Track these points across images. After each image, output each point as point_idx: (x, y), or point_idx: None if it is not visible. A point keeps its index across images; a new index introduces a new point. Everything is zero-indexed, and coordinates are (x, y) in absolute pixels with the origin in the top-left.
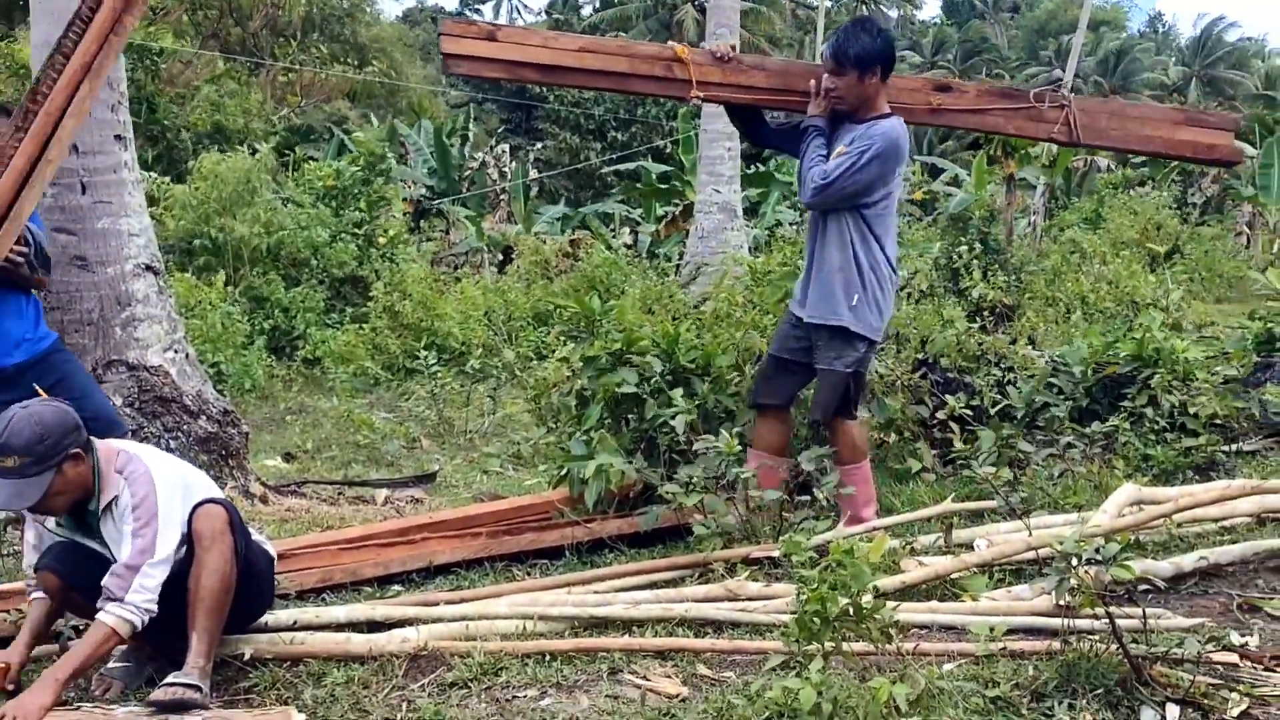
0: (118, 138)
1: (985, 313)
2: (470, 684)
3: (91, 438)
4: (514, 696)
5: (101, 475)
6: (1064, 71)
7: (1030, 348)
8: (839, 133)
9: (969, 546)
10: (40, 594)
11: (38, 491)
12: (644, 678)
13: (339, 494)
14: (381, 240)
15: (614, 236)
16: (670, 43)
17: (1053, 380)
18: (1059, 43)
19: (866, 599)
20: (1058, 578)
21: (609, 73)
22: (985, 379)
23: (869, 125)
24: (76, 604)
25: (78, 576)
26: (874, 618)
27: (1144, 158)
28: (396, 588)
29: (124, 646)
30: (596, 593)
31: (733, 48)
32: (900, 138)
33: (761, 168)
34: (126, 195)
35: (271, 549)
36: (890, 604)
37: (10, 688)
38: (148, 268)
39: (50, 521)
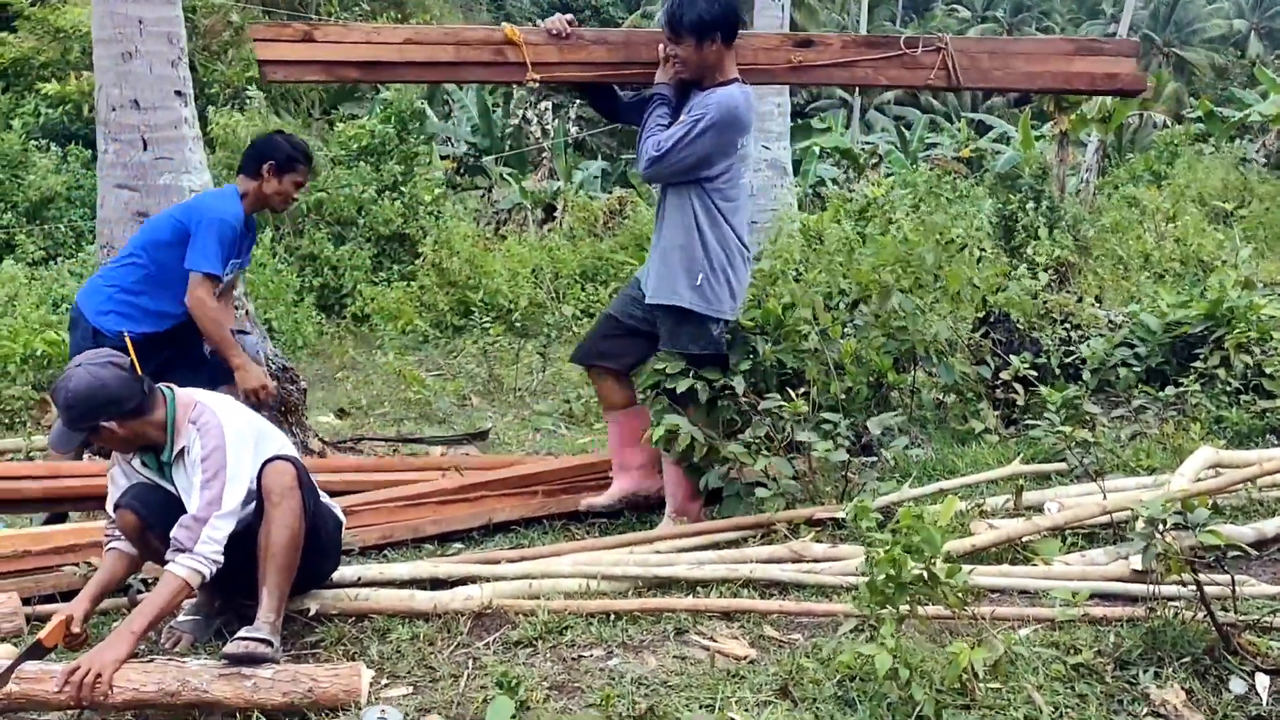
0: (178, 93)
1: (1045, 271)
2: (535, 642)
3: (171, 387)
4: (580, 656)
5: (176, 425)
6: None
7: (1096, 306)
8: (687, 102)
9: (1038, 509)
10: (116, 544)
11: (73, 443)
12: (711, 639)
13: (394, 450)
14: (426, 198)
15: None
16: (505, 25)
17: (1126, 340)
18: None
19: (940, 564)
20: (1143, 543)
21: (436, 63)
22: (1051, 338)
23: (706, 94)
24: (152, 546)
25: (155, 518)
26: (948, 582)
27: (1041, 94)
28: (457, 545)
29: (192, 600)
30: (658, 553)
31: (570, 22)
32: (738, 106)
33: (799, 121)
34: (187, 151)
35: (340, 512)
36: (965, 568)
37: (78, 631)
38: None
39: (136, 460)
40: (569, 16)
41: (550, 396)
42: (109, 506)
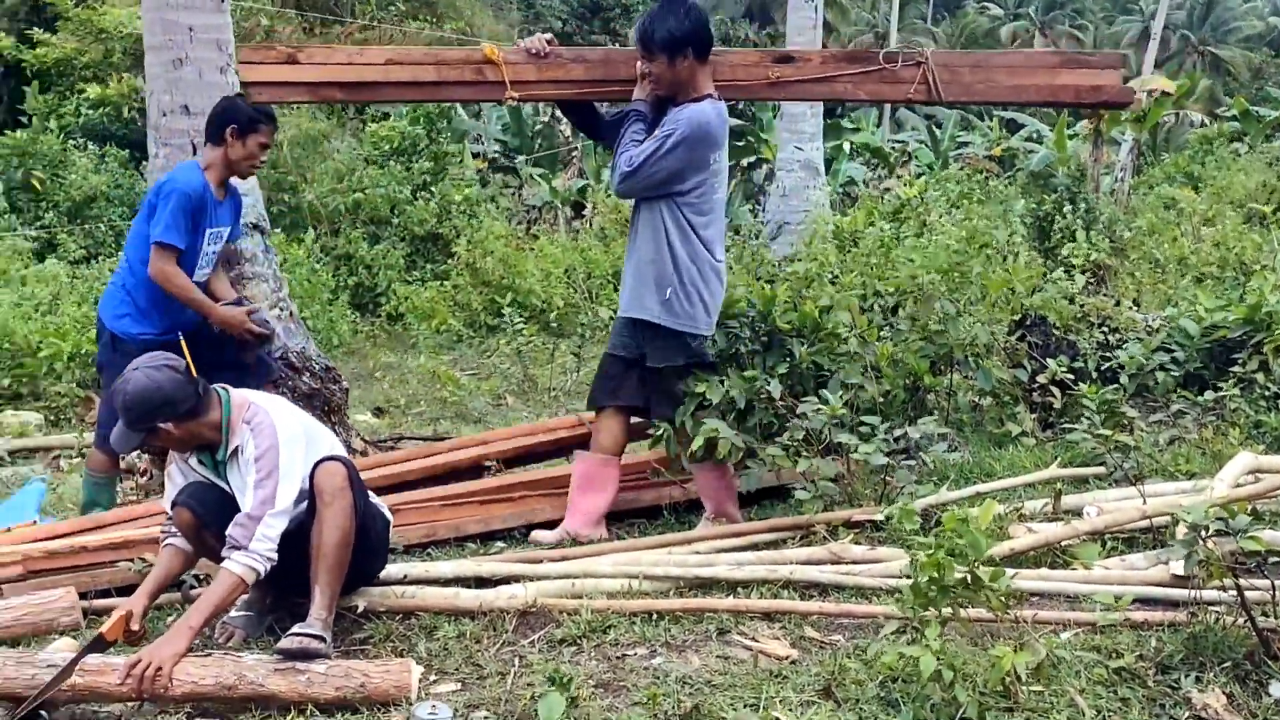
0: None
1: (1081, 273)
2: (580, 641)
3: (226, 388)
4: (624, 654)
5: (230, 425)
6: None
7: (1134, 309)
8: (663, 118)
9: (1077, 513)
10: (173, 541)
11: (133, 444)
12: (752, 639)
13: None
14: (458, 198)
15: None
16: (483, 44)
17: (1164, 344)
18: None
19: (984, 567)
20: (1185, 548)
21: (419, 83)
22: (1089, 342)
23: (678, 110)
24: (208, 544)
25: (211, 516)
26: (991, 585)
27: (1027, 107)
28: (499, 544)
29: (245, 597)
30: (698, 553)
31: (549, 41)
32: (709, 121)
33: (827, 121)
34: None
35: (387, 511)
36: (1008, 572)
37: (136, 629)
38: (255, 226)
39: (193, 459)
40: (548, 35)
41: (584, 397)
42: (166, 504)
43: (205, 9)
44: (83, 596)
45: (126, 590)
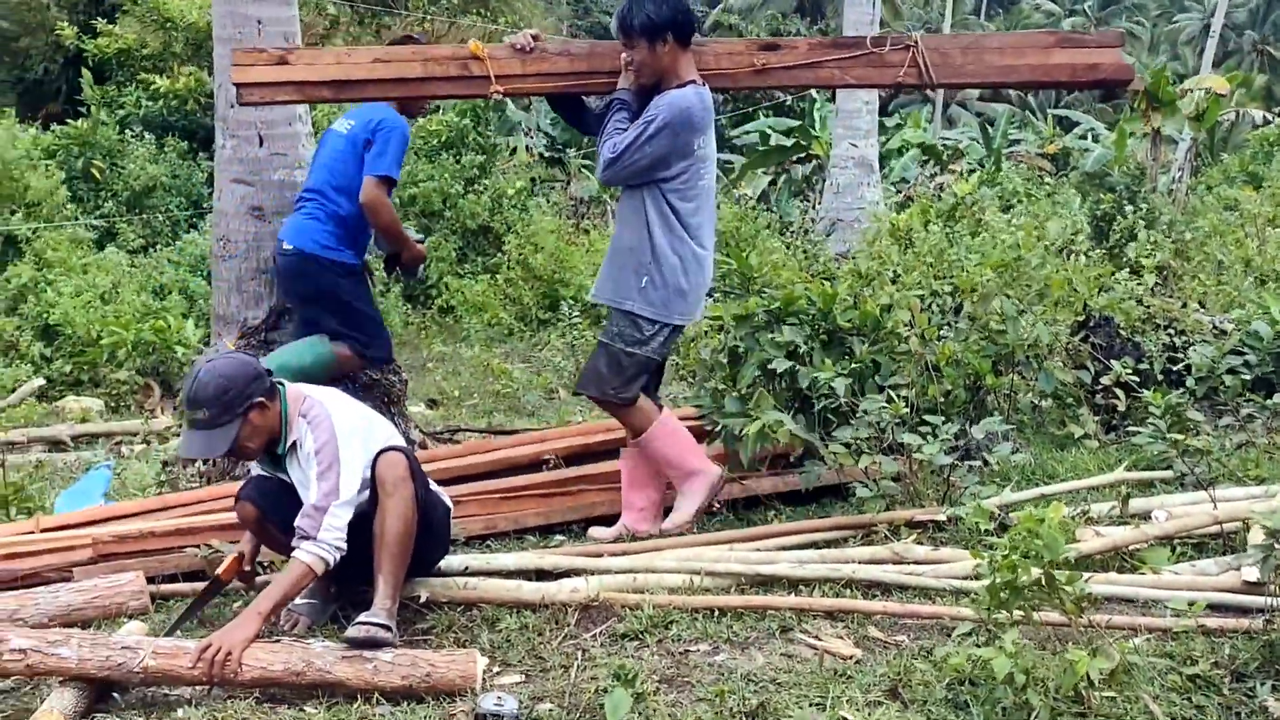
0: None
1: (1145, 275)
2: (642, 635)
3: (281, 382)
4: (687, 650)
5: (288, 419)
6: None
7: (1201, 311)
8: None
9: (1145, 517)
10: None
11: (226, 441)
12: (816, 637)
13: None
14: (510, 191)
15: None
16: (471, 41)
17: (1236, 348)
18: None
19: (1058, 570)
20: (1262, 554)
21: (405, 79)
22: (1154, 343)
23: (660, 96)
24: (272, 537)
25: (274, 509)
26: (1067, 588)
27: (1020, 88)
28: (559, 537)
29: (309, 586)
30: (759, 550)
31: (535, 38)
32: (691, 107)
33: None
34: (300, 148)
35: (447, 499)
36: (1083, 575)
37: (248, 569)
38: None
39: None
40: (535, 32)
41: None
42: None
43: (274, 2)
44: (150, 581)
45: (193, 576)
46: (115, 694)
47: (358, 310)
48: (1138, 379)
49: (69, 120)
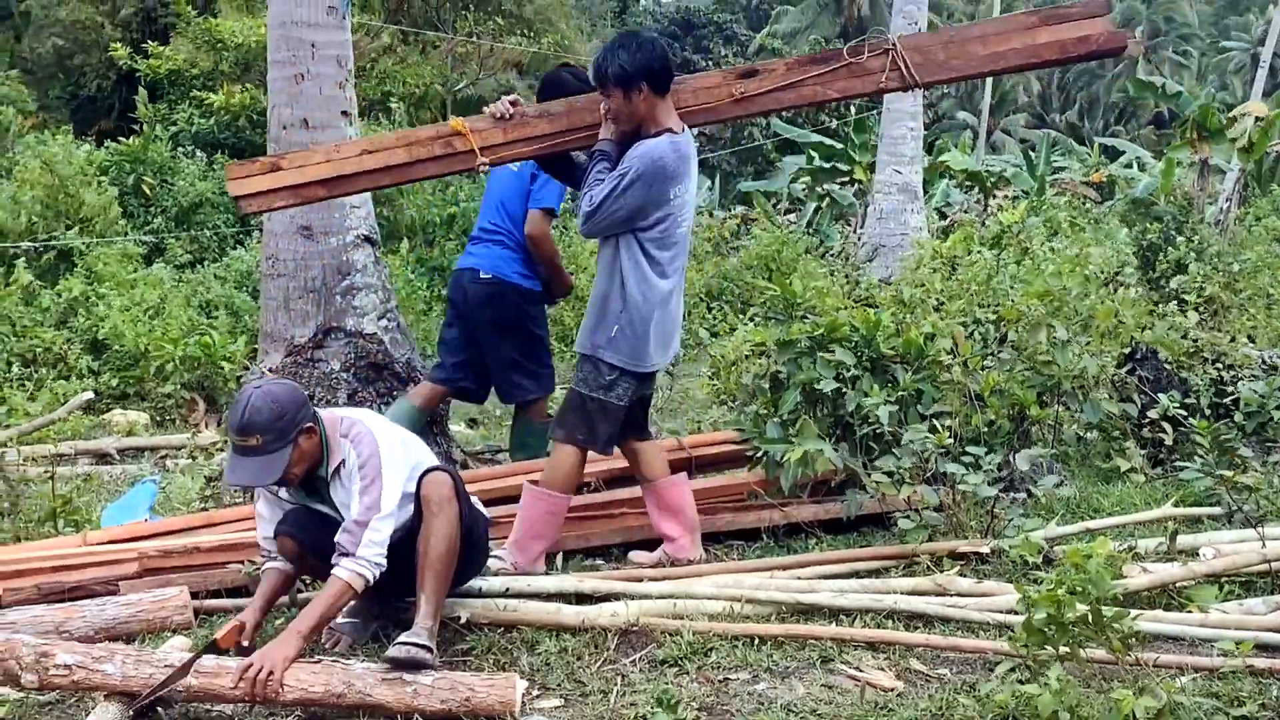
0: (344, 113)
1: (1196, 309)
2: (681, 662)
3: (315, 408)
4: (727, 678)
5: (329, 442)
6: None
7: (1249, 345)
8: None
9: (1192, 554)
10: (273, 564)
11: (280, 467)
12: (857, 668)
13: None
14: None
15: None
16: (452, 118)
17: None
18: (1255, 18)
19: (1106, 607)
20: None
21: (392, 167)
22: (1202, 378)
23: (634, 148)
24: (312, 567)
25: (313, 540)
26: (1114, 625)
27: (1013, 73)
28: (598, 560)
29: (352, 604)
30: (800, 578)
31: (513, 103)
32: (663, 157)
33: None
34: None
35: (485, 512)
36: (1130, 612)
37: (246, 643)
38: (366, 239)
39: (282, 490)
40: (513, 97)
41: (678, 415)
42: (260, 539)
43: (328, 26)
44: (194, 596)
45: (237, 591)
46: (160, 709)
47: (540, 339)
48: (1185, 413)
49: (121, 137)
